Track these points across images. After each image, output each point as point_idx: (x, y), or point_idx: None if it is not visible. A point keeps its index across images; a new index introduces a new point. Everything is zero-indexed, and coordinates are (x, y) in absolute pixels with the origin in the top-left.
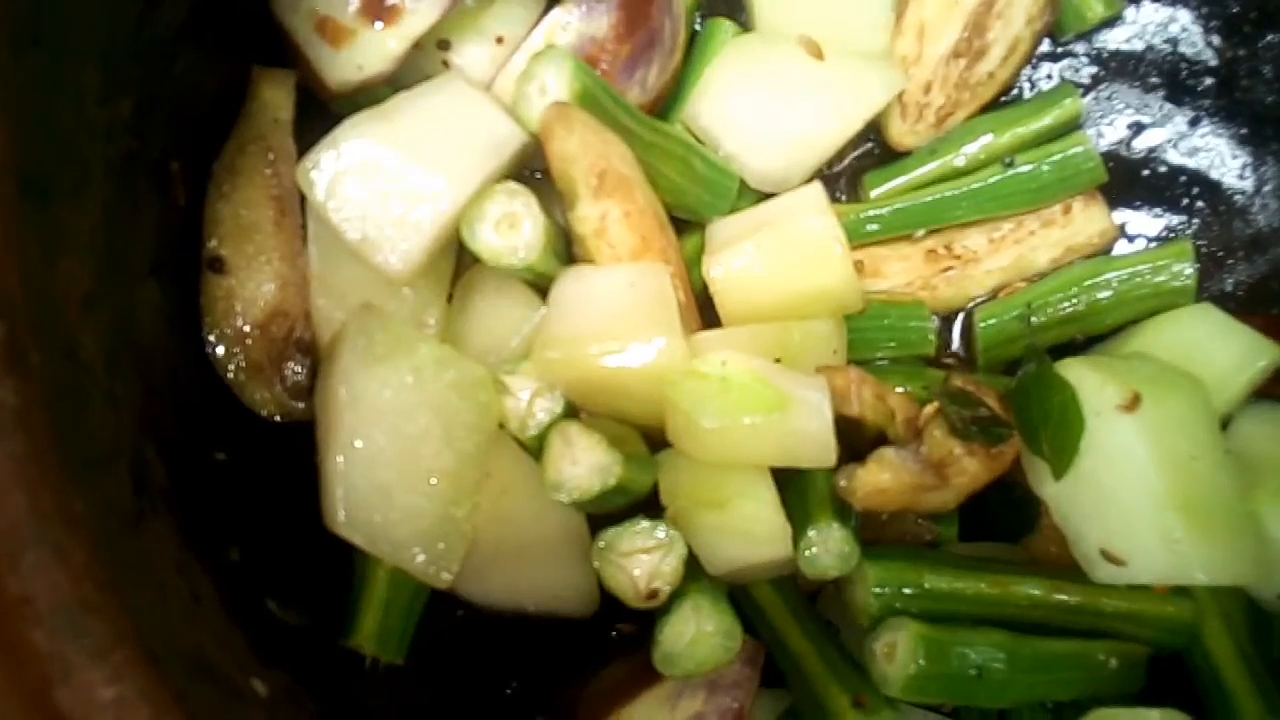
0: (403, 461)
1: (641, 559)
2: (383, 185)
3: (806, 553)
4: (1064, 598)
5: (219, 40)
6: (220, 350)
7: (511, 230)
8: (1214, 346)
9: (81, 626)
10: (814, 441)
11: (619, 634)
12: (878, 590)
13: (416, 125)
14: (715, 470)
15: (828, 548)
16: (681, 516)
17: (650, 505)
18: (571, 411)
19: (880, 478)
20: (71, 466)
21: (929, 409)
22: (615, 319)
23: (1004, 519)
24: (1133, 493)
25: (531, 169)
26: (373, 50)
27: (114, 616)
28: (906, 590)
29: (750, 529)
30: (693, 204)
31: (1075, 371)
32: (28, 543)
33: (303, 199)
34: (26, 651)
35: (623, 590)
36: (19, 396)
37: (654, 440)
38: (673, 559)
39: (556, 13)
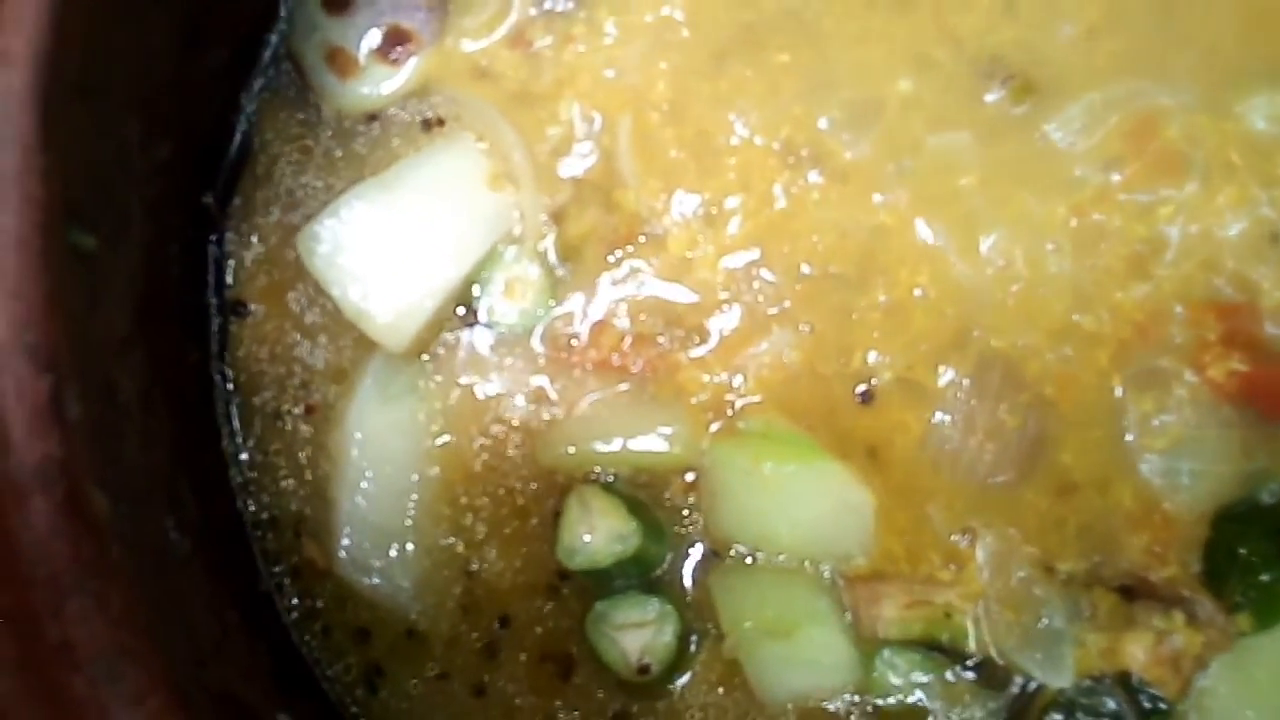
0: (405, 507)
1: (635, 633)
2: (383, 258)
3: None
4: None
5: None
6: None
7: (520, 289)
8: None
9: (119, 672)
10: (854, 510)
11: None
12: None
13: (419, 195)
14: (780, 589)
15: (898, 670)
16: (744, 646)
17: (650, 578)
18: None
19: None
20: (111, 511)
21: None
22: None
23: None
24: None
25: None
26: (377, 84)
27: (149, 661)
28: None
29: (818, 657)
30: None
31: None
32: (69, 592)
33: None
34: (66, 697)
35: (614, 663)
36: (63, 448)
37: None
38: (666, 635)
39: None
